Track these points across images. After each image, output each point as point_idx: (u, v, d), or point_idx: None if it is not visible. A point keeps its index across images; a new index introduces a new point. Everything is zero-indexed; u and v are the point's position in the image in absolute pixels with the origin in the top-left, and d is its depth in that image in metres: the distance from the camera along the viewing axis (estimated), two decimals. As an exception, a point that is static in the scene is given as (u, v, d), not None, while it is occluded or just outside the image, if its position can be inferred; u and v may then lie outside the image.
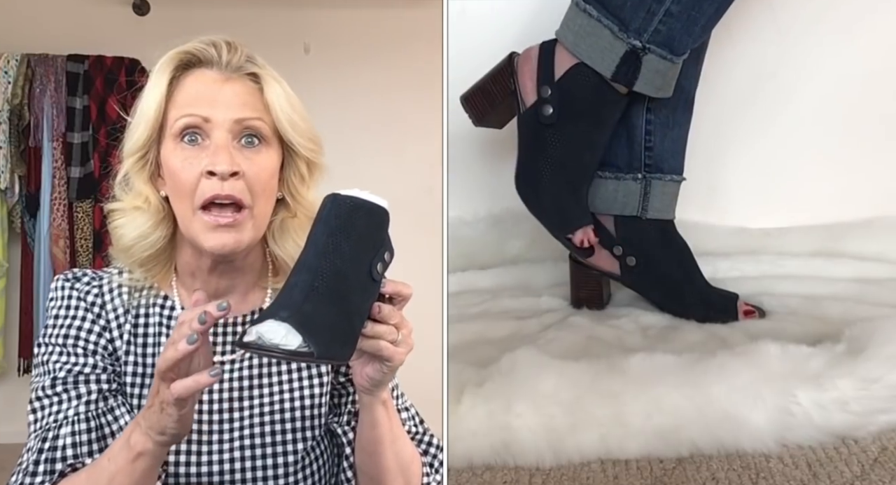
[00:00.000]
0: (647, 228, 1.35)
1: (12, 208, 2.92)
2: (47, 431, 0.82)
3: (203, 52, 0.83)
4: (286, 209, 0.88)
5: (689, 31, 1.22)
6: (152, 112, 0.83)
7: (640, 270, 1.35)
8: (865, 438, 1.00)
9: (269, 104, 0.84)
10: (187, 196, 0.81)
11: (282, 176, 0.87)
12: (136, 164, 0.85)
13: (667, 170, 1.36)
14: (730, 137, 1.56)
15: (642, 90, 1.25)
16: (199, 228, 0.81)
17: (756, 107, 1.59)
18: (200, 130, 0.81)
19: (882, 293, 1.37)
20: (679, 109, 1.35)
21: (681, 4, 1.20)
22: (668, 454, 0.99)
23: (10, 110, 2.83)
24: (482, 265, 1.52)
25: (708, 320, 1.32)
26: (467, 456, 0.98)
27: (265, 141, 0.84)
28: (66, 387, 0.83)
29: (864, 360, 1.05)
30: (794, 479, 0.94)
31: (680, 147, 1.37)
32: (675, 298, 1.36)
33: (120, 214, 0.86)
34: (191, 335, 0.69)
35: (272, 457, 0.87)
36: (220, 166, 0.79)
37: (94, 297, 0.88)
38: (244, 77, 0.84)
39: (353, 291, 0.70)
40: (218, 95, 0.82)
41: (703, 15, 1.21)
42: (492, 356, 1.14)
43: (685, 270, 1.37)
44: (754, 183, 1.62)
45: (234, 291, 0.89)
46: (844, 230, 1.55)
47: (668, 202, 1.38)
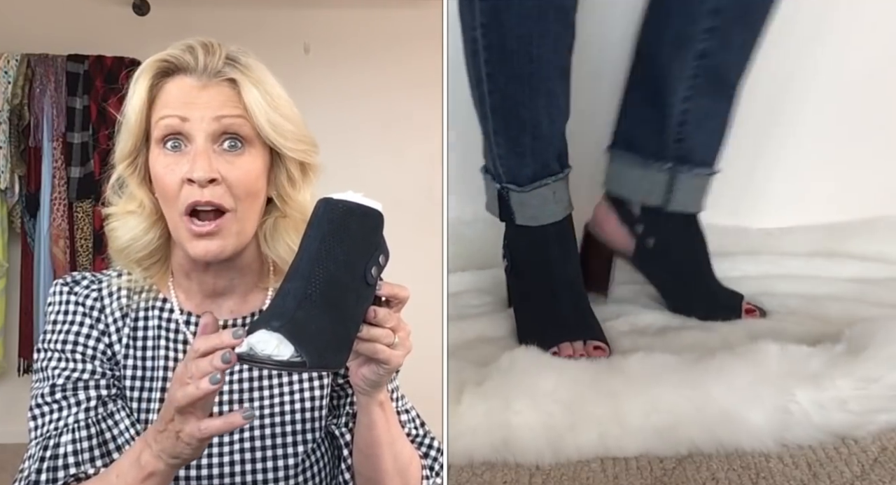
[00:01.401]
0: (674, 214, 1.34)
1: (12, 208, 2.92)
2: (48, 438, 0.82)
3: (180, 59, 0.82)
4: (277, 210, 0.88)
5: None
6: (135, 119, 0.83)
7: (656, 253, 1.35)
8: (865, 438, 1.01)
9: (247, 107, 0.82)
10: (172, 202, 0.81)
11: (270, 177, 0.86)
12: (128, 169, 0.85)
13: (697, 162, 1.33)
14: (730, 137, 1.56)
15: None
16: (184, 234, 0.81)
17: (756, 107, 1.59)
18: (181, 135, 0.81)
19: (882, 293, 1.38)
20: (719, 99, 1.32)
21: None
22: (667, 454, 0.99)
23: (10, 110, 2.83)
24: (482, 265, 1.52)
25: (709, 318, 1.31)
26: (467, 454, 0.99)
27: (248, 143, 0.83)
28: (65, 394, 0.83)
29: (864, 360, 1.05)
30: (794, 479, 0.94)
31: (715, 140, 1.34)
32: (682, 290, 1.35)
33: (115, 218, 0.87)
34: (213, 375, 0.67)
35: (272, 460, 0.87)
36: (198, 173, 0.79)
37: (92, 301, 0.88)
38: (222, 83, 0.82)
39: (346, 297, 0.69)
40: (196, 99, 0.81)
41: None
42: (491, 355, 1.14)
43: (699, 262, 1.36)
44: (755, 183, 1.62)
45: (233, 292, 0.89)
46: (844, 230, 1.56)
47: (695, 196, 1.35)
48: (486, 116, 1.28)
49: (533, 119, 1.26)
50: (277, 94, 0.84)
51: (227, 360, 0.67)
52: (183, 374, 0.69)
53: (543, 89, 1.24)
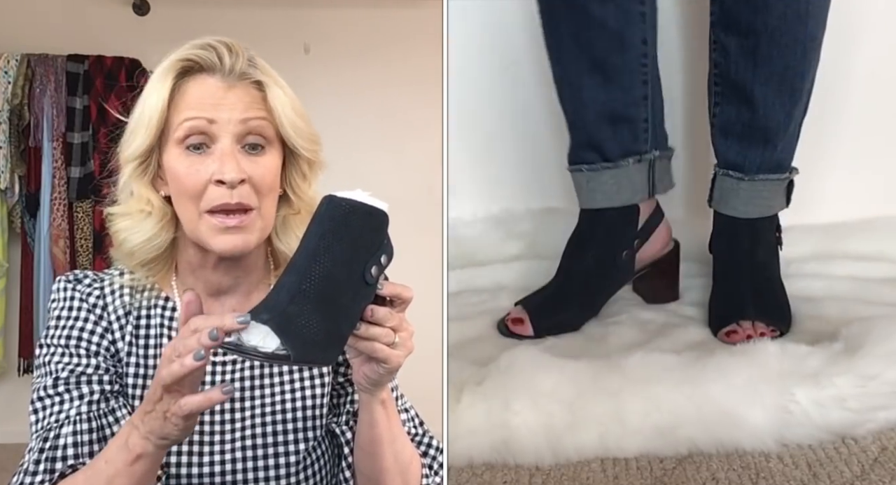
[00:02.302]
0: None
1: (12, 208, 2.92)
2: (48, 430, 0.82)
3: (205, 59, 0.82)
4: (288, 206, 0.88)
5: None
6: (155, 119, 0.82)
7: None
8: (865, 437, 1.01)
9: (272, 110, 0.83)
10: (193, 201, 0.81)
11: (284, 174, 0.87)
12: (137, 169, 0.85)
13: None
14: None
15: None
16: (206, 230, 0.82)
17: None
18: (205, 135, 0.81)
19: (882, 292, 1.38)
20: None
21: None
22: (667, 453, 0.99)
23: (10, 110, 2.83)
24: (481, 265, 1.52)
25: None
26: (467, 454, 0.99)
27: (268, 143, 0.84)
28: (67, 387, 0.83)
29: (862, 357, 1.05)
30: (794, 479, 0.94)
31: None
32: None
33: (122, 219, 0.86)
34: (198, 351, 0.67)
35: (273, 457, 0.87)
36: (230, 175, 0.80)
37: (95, 298, 0.88)
38: (248, 85, 0.83)
39: (342, 294, 0.69)
40: (222, 101, 0.81)
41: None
42: (491, 355, 1.14)
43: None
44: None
45: (237, 289, 0.89)
46: (844, 230, 1.56)
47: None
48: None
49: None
50: (292, 94, 0.85)
51: (214, 337, 0.66)
52: (171, 352, 0.69)
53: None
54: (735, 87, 1.29)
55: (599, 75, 1.25)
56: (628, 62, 1.25)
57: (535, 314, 1.29)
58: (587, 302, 1.32)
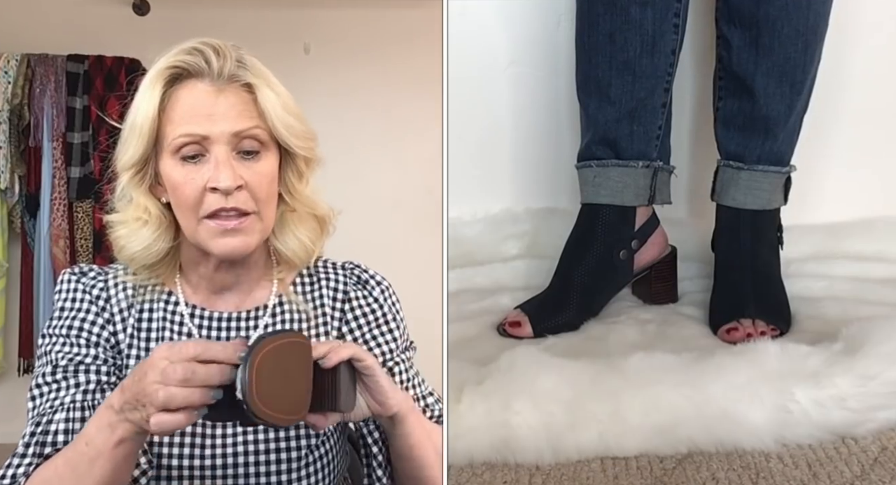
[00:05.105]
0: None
1: (12, 208, 2.92)
2: (42, 416, 0.83)
3: (192, 65, 0.82)
4: (285, 204, 0.89)
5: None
6: (146, 128, 0.82)
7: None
8: (865, 437, 1.01)
9: (263, 112, 0.83)
10: (191, 209, 0.82)
11: (280, 175, 0.87)
12: (134, 177, 0.85)
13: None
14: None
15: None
16: (205, 234, 0.82)
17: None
18: (200, 145, 0.81)
19: (882, 292, 1.38)
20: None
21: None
22: (667, 453, 0.99)
23: (10, 110, 2.83)
24: (481, 265, 1.52)
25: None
26: (467, 454, 0.99)
27: (264, 146, 0.84)
28: (65, 375, 0.84)
29: (862, 357, 1.05)
30: (794, 479, 0.94)
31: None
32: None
33: (120, 227, 0.87)
34: (202, 410, 0.68)
35: (275, 452, 0.87)
36: (224, 183, 0.80)
37: (99, 290, 0.89)
38: (238, 88, 0.83)
39: None
40: (213, 109, 0.81)
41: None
42: (491, 355, 1.14)
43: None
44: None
45: (238, 287, 0.90)
46: (844, 230, 1.56)
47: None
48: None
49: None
50: (284, 93, 0.85)
51: (216, 398, 0.68)
52: (169, 352, 0.68)
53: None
54: (737, 78, 1.32)
55: (629, 75, 1.29)
56: (657, 67, 1.29)
57: (533, 317, 1.30)
58: (586, 303, 1.33)
